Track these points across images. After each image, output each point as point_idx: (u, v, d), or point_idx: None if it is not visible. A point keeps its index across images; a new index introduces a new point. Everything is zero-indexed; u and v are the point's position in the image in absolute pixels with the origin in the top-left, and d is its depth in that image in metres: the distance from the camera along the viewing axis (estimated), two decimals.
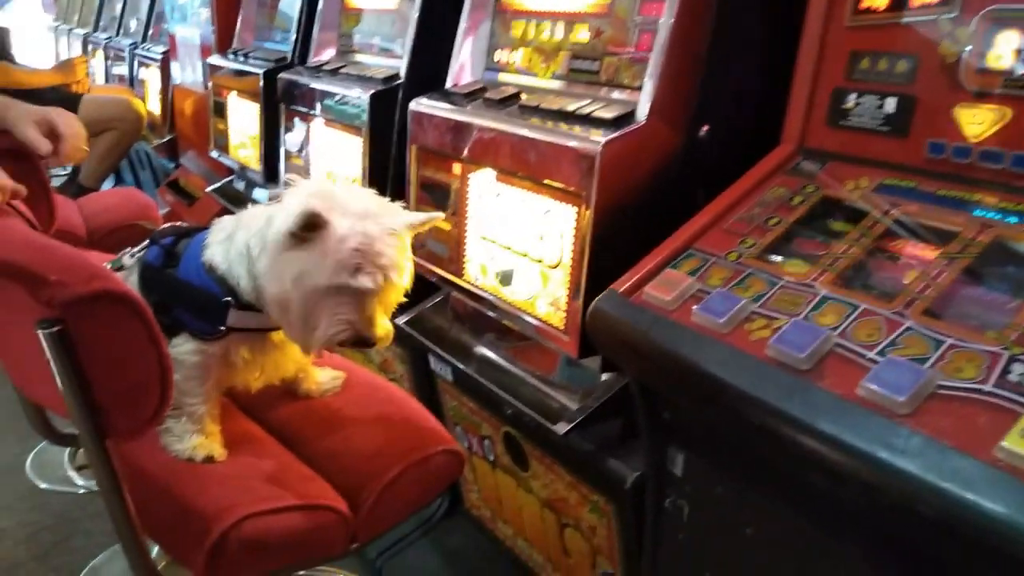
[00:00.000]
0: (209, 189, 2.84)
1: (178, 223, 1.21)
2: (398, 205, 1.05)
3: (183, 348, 1.03)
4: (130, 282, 1.12)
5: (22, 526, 2.14)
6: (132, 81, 4.05)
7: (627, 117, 1.19)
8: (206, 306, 1.02)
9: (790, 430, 0.80)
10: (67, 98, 3.29)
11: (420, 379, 1.88)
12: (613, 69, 1.32)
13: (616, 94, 1.31)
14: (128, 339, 0.76)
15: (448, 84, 1.60)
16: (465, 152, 1.42)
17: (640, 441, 1.21)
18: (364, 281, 0.94)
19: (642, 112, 1.19)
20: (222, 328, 1.04)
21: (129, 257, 1.14)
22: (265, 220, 1.00)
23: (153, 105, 3.77)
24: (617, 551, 1.38)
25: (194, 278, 1.05)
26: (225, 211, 2.67)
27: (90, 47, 4.93)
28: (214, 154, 2.79)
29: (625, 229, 1.20)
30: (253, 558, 0.93)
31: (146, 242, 1.14)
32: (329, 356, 1.31)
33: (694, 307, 0.97)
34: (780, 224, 1.05)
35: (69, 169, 3.80)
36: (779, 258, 1.00)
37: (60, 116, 1.28)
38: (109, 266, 1.11)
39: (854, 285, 0.91)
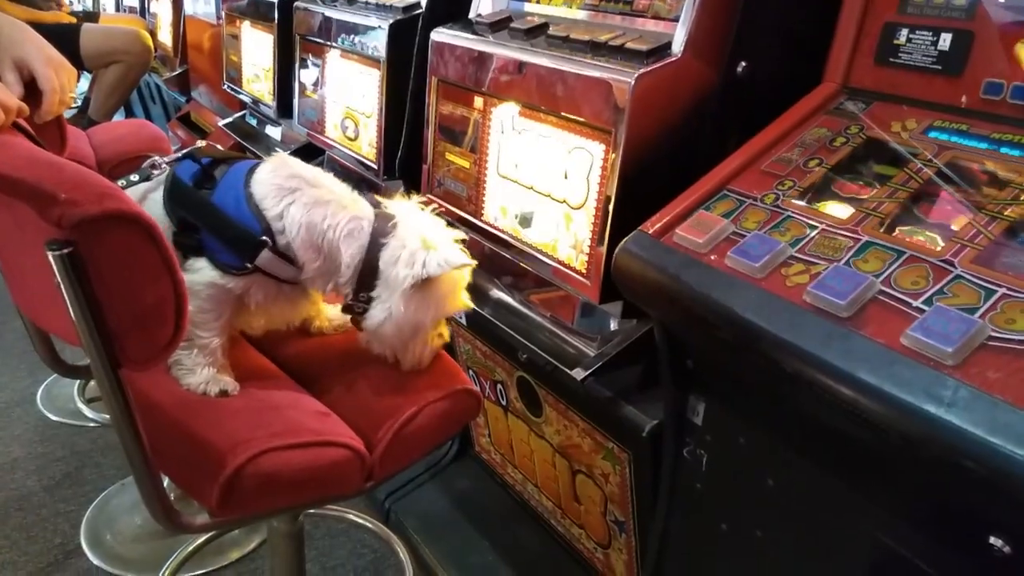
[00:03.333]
0: (221, 123, 2.78)
1: (217, 145, 1.17)
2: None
3: (201, 277, 1.00)
4: (153, 198, 1.08)
5: (33, 457, 2.15)
6: (143, 11, 3.95)
7: (662, 50, 1.13)
8: (239, 239, 0.98)
9: (828, 379, 0.76)
10: (61, 32, 3.21)
11: None
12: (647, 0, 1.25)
13: (651, 26, 1.24)
14: (141, 263, 0.72)
15: (471, 14, 1.53)
16: (488, 85, 1.36)
17: (659, 389, 1.18)
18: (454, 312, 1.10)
19: (677, 45, 1.13)
20: (248, 265, 1.01)
21: (156, 171, 1.10)
22: (348, 220, 1.03)
23: (164, 37, 3.68)
24: (630, 499, 1.37)
25: (231, 207, 1.01)
26: (238, 146, 2.62)
27: None
28: (227, 87, 2.73)
29: (655, 169, 1.15)
30: (267, 493, 0.90)
31: (177, 155, 1.10)
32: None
33: (728, 250, 0.92)
34: (821, 166, 0.99)
35: (79, 102, 3.74)
36: (819, 201, 0.95)
37: (43, 68, 1.18)
38: (136, 177, 1.08)
39: (899, 231, 0.87)
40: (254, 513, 0.94)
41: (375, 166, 1.78)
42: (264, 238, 0.99)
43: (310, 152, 2.21)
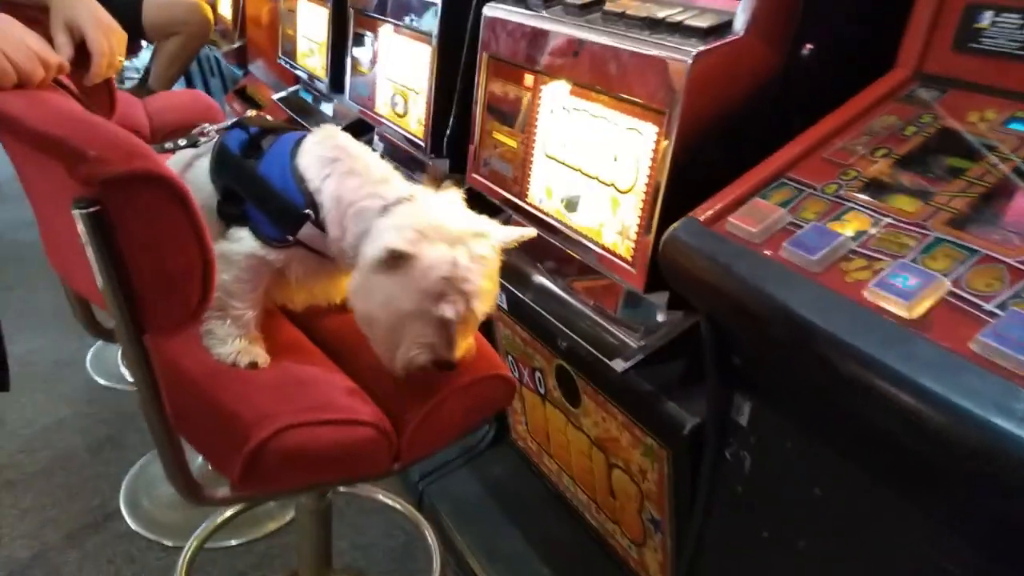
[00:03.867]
0: (275, 97, 2.78)
1: (266, 116, 1.15)
2: (492, 222, 1.01)
3: (241, 247, 0.98)
4: (199, 165, 1.07)
5: (79, 417, 2.19)
6: None
7: (722, 28, 1.07)
8: (282, 211, 0.96)
9: (887, 384, 0.71)
10: (124, 3, 3.24)
11: None
12: None
13: (713, 3, 1.18)
14: (169, 226, 0.70)
15: None
16: (538, 62, 1.32)
17: (702, 386, 1.12)
18: (447, 310, 0.93)
19: (739, 23, 1.06)
20: (290, 238, 0.99)
21: (204, 138, 1.09)
22: (365, 197, 0.98)
23: (225, 10, 3.71)
24: (667, 498, 1.32)
25: (276, 178, 1.00)
26: (290, 121, 2.62)
27: None
28: (282, 61, 2.73)
29: (710, 154, 1.10)
30: (291, 469, 0.89)
31: (228, 123, 1.09)
32: None
33: (784, 241, 0.87)
34: (888, 156, 0.93)
35: (141, 72, 3.80)
36: (885, 194, 0.89)
37: (93, 31, 1.19)
38: (183, 142, 1.07)
39: (973, 228, 0.80)
40: (277, 489, 0.93)
41: (422, 143, 1.75)
42: (307, 211, 0.97)
43: (361, 128, 2.20)
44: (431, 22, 1.67)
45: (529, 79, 1.36)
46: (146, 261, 0.71)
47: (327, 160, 0.99)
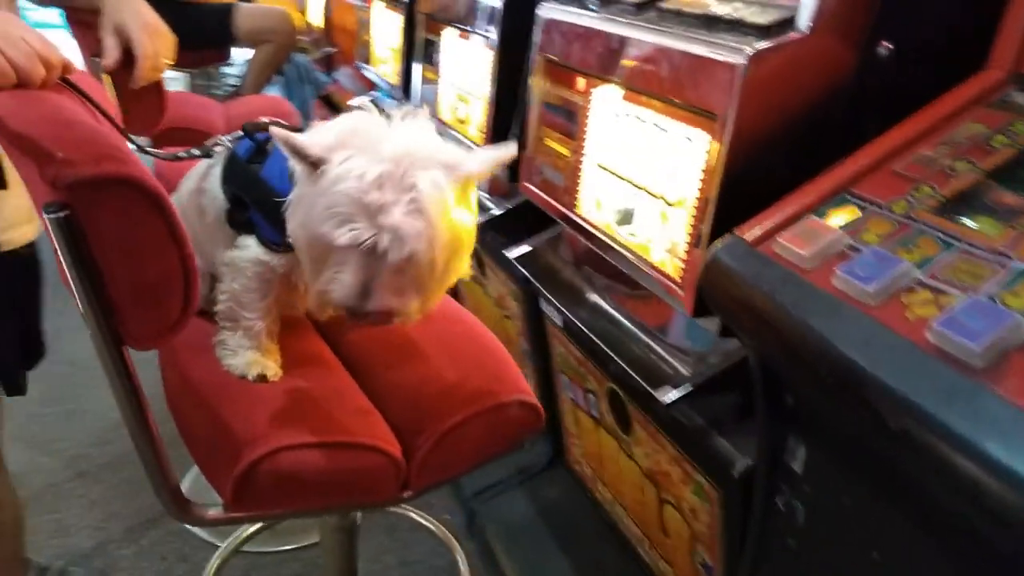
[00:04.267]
0: (351, 103, 2.80)
1: (278, 119, 1.12)
2: (465, 152, 0.85)
3: (247, 255, 0.95)
4: (214, 173, 1.05)
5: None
6: None
7: (785, 24, 0.96)
8: (276, 210, 0.92)
9: (946, 447, 0.59)
10: (217, 12, 3.35)
11: (531, 320, 1.74)
12: None
13: None
14: (143, 233, 0.67)
15: None
16: (589, 63, 1.23)
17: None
18: (341, 236, 0.77)
19: (804, 19, 0.95)
20: (289, 240, 0.94)
21: (219, 145, 1.06)
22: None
23: (315, 18, 3.79)
24: (719, 543, 1.20)
25: (275, 180, 0.96)
26: None
27: None
28: (358, 67, 2.74)
29: (768, 165, 0.98)
30: (285, 492, 0.84)
31: (239, 133, 1.06)
32: None
33: (837, 267, 0.75)
34: (972, 171, 0.79)
35: (240, 80, 3.92)
36: (964, 214, 0.76)
37: (139, 34, 1.20)
38: (197, 151, 1.04)
39: None
40: (272, 511, 0.88)
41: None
42: None
43: None
44: (492, 25, 1.61)
45: (582, 83, 1.28)
46: (121, 268, 0.68)
47: None
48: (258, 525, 1.55)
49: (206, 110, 2.24)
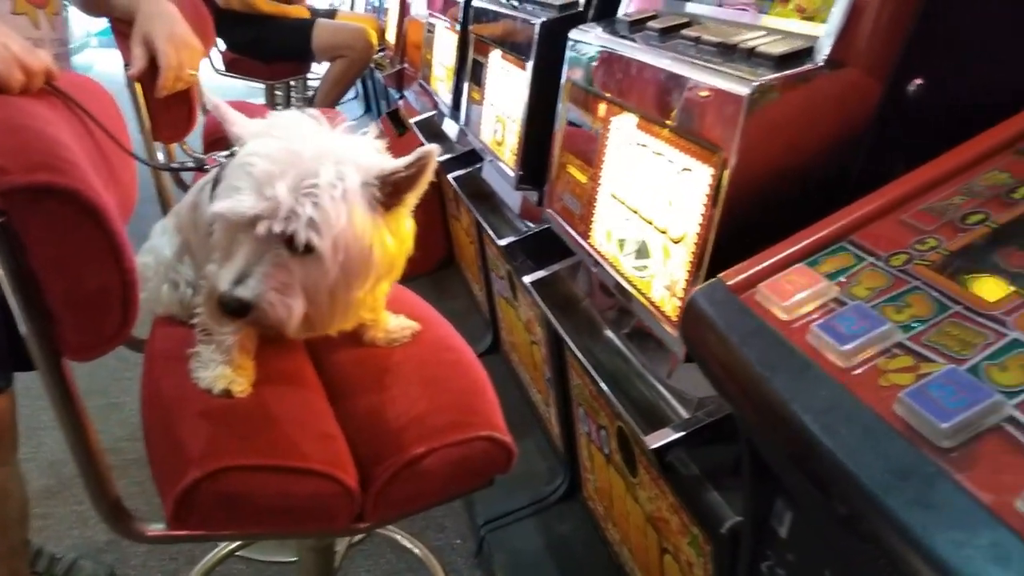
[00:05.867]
0: (412, 121, 2.82)
1: None
2: (383, 157, 0.82)
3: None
4: (208, 187, 1.05)
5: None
6: (379, 10, 4.18)
7: (800, 55, 0.89)
8: None
9: (896, 542, 0.51)
10: (298, 26, 3.44)
11: (553, 348, 1.69)
12: None
13: (808, 28, 1.00)
14: (79, 244, 0.66)
15: (620, 12, 1.36)
16: (608, 89, 1.19)
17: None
18: (222, 206, 0.73)
19: (822, 51, 0.88)
20: None
21: (215, 159, 1.06)
22: None
23: (392, 36, 3.85)
24: None
25: None
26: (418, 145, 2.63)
27: None
28: (420, 85, 2.76)
29: (774, 204, 0.92)
30: (229, 514, 0.82)
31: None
32: (409, 303, 1.17)
33: (814, 323, 0.68)
34: (985, 223, 0.71)
35: (310, 93, 4.03)
36: (967, 272, 0.67)
37: (165, 45, 1.23)
38: (190, 163, 1.05)
39: None
40: (215, 532, 0.86)
41: (512, 174, 1.66)
42: None
43: (476, 157, 2.15)
44: (529, 47, 1.58)
45: (602, 109, 1.23)
46: (56, 278, 0.67)
47: None
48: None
49: None
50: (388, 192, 0.81)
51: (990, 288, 0.65)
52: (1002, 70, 0.87)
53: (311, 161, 0.75)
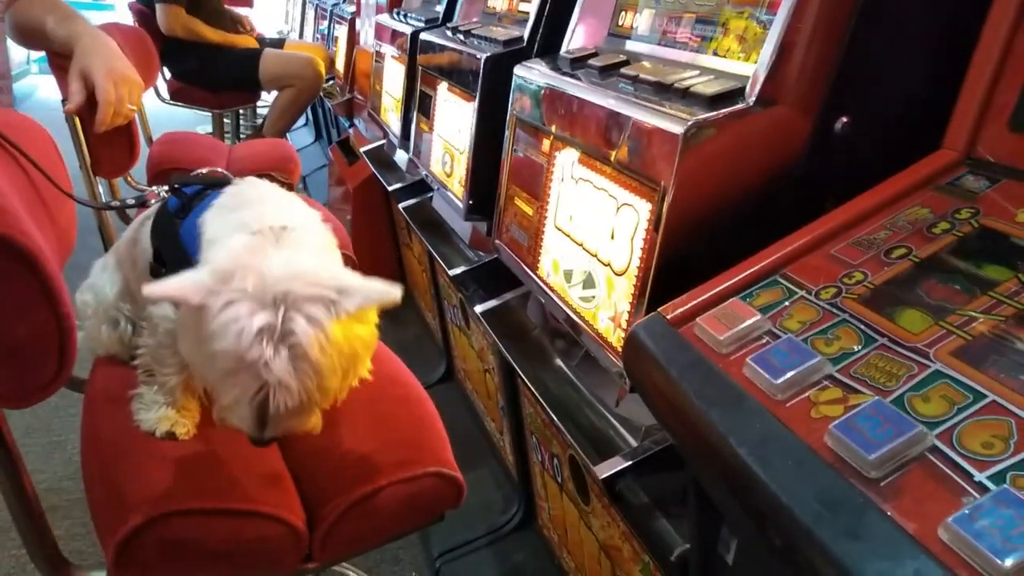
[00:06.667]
0: (363, 150, 2.82)
1: (218, 169, 1.11)
2: (353, 281, 0.80)
3: (160, 311, 0.93)
4: (148, 224, 1.04)
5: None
6: (328, 40, 4.18)
7: (732, 95, 0.93)
8: (175, 265, 0.90)
9: (831, 573, 0.53)
10: (245, 56, 3.43)
11: (505, 377, 1.70)
12: (738, 36, 1.05)
13: (739, 68, 1.03)
14: (12, 291, 0.65)
15: (563, 49, 1.39)
16: (550, 125, 1.21)
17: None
18: (229, 391, 0.78)
19: (753, 90, 0.92)
20: None
21: (154, 200, 1.05)
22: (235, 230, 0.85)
23: (341, 64, 3.85)
24: None
25: (190, 240, 0.94)
26: (371, 175, 2.64)
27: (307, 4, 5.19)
28: (368, 115, 2.77)
29: (711, 238, 0.95)
30: (172, 560, 0.80)
31: (169, 187, 1.05)
32: None
33: (749, 356, 0.70)
34: (908, 256, 0.75)
35: (259, 121, 4.00)
36: (891, 305, 0.71)
37: (103, 80, 1.22)
38: (131, 201, 1.03)
39: (986, 363, 0.61)
40: None
41: (461, 204, 1.68)
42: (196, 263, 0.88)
43: (425, 187, 2.17)
44: (475, 80, 1.61)
45: (546, 144, 1.26)
46: None
47: (223, 208, 0.91)
48: None
49: (213, 152, 2.27)
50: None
51: (913, 320, 0.68)
52: (922, 108, 0.92)
53: (285, 317, 0.75)
